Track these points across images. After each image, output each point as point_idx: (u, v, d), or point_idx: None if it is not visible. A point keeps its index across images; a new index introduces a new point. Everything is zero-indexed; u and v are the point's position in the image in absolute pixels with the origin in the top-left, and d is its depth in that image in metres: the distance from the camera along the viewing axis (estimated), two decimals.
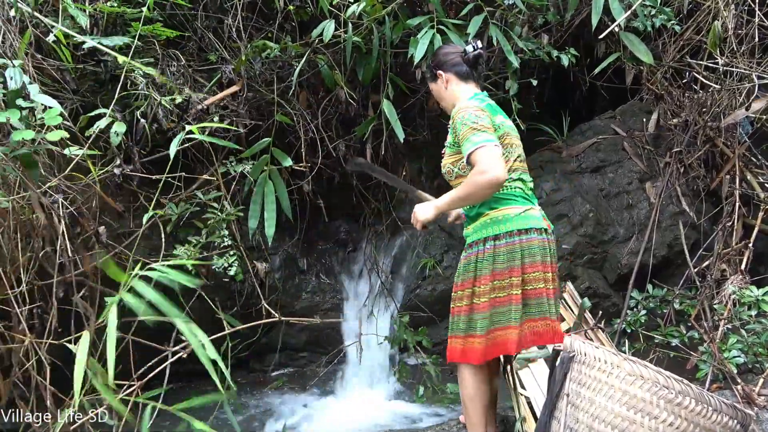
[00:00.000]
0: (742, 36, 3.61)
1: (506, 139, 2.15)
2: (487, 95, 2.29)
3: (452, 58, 2.26)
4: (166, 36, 3.16)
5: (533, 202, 2.20)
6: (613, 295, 3.95)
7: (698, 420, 1.73)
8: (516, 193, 2.15)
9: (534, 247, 2.08)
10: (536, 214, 2.15)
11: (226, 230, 3.35)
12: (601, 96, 4.79)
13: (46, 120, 1.96)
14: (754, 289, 3.11)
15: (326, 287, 4.10)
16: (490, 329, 2.10)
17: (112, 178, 3.00)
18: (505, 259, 2.07)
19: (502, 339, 2.09)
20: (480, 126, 2.01)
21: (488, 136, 1.99)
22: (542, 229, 2.13)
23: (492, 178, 1.92)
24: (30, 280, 2.45)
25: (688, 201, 3.99)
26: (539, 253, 2.09)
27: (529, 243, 2.08)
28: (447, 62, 2.27)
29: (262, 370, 4.06)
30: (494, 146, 1.97)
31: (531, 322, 2.11)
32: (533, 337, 2.12)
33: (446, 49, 2.33)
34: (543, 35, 3.78)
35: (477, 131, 1.99)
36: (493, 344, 2.10)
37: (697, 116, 3.96)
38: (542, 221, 2.16)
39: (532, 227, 2.09)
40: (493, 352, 2.12)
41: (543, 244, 2.11)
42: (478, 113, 2.05)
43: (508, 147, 2.16)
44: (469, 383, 2.20)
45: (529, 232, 2.08)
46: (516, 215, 2.10)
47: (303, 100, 3.68)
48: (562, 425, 1.91)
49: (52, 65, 2.95)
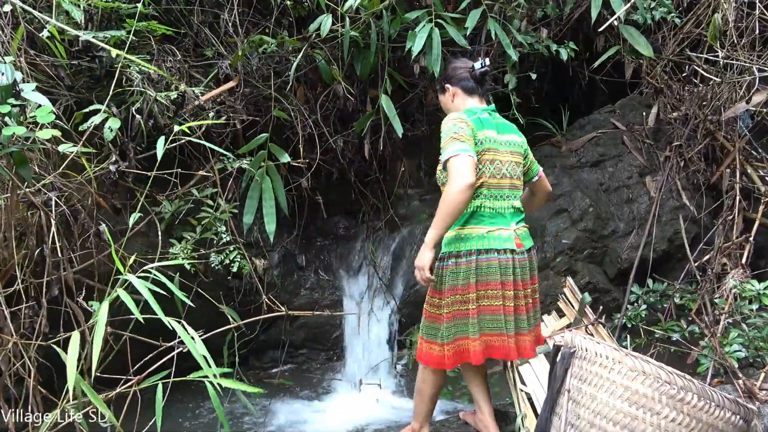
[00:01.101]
0: (743, 29, 3.59)
1: (486, 155, 2.22)
2: (493, 109, 2.38)
3: (460, 73, 2.35)
4: (162, 32, 3.13)
5: (505, 222, 2.24)
6: (613, 290, 3.93)
7: (700, 415, 1.71)
8: (483, 213, 2.22)
9: (492, 266, 2.17)
10: (503, 235, 2.21)
11: (224, 227, 3.33)
12: (601, 90, 4.76)
13: (38, 118, 1.93)
14: (755, 283, 3.09)
15: (325, 284, 4.08)
16: (453, 339, 2.21)
17: (108, 175, 2.96)
18: (464, 276, 2.18)
19: (463, 348, 2.21)
20: (458, 136, 2.12)
21: (464, 146, 2.10)
22: (507, 249, 2.19)
23: (461, 186, 2.04)
24: (25, 278, 2.43)
25: (689, 195, 3.97)
26: (498, 272, 2.17)
27: (488, 263, 2.17)
28: (455, 77, 2.37)
29: (261, 367, 4.05)
30: (467, 156, 2.08)
31: (486, 336, 2.20)
32: (488, 351, 2.21)
33: (456, 63, 2.42)
34: (542, 29, 3.75)
35: (455, 140, 2.11)
36: (454, 353, 2.21)
37: (697, 110, 3.94)
38: (510, 242, 2.21)
39: (493, 248, 2.17)
40: (454, 360, 2.22)
41: (507, 263, 2.18)
42: (460, 125, 2.16)
43: (486, 162, 2.22)
44: (428, 383, 2.39)
45: (489, 252, 2.17)
46: (478, 236, 2.19)
47: (301, 96, 3.65)
48: (563, 421, 1.89)
49: (46, 61, 2.91)
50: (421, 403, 2.44)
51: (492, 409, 2.46)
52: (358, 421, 3.34)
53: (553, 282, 3.89)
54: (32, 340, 2.30)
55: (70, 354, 1.61)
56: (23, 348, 2.25)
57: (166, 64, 3.22)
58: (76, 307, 2.24)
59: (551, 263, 3.94)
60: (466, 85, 2.34)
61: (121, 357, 2.61)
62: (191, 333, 1.68)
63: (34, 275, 2.56)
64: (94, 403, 1.67)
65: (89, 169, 2.56)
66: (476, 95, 2.36)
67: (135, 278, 1.71)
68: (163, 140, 2.05)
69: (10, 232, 2.33)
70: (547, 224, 3.99)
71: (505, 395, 3.27)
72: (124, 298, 1.69)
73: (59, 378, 2.41)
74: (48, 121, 1.99)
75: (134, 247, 3.25)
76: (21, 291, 2.40)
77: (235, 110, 3.40)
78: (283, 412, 3.45)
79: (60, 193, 2.64)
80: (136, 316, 1.62)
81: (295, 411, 3.50)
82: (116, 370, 2.41)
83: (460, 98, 2.37)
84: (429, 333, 2.29)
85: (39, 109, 1.97)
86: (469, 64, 2.36)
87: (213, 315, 3.29)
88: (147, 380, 1.96)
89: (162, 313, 1.68)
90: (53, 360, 2.31)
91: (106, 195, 3.10)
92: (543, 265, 3.94)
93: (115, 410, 2.09)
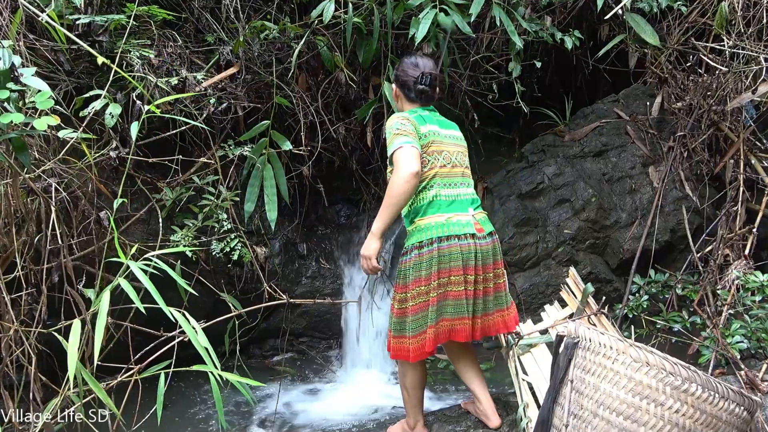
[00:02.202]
0: (750, 18, 3.55)
1: (433, 146, 2.28)
2: (433, 109, 2.43)
3: (406, 80, 2.37)
4: (163, 17, 3.10)
5: (462, 209, 2.30)
6: (615, 280, 3.92)
7: (704, 407, 1.70)
8: (440, 202, 2.27)
9: (454, 253, 2.20)
10: (462, 221, 2.26)
11: (225, 214, 3.31)
12: (604, 79, 4.72)
13: (38, 103, 1.91)
14: (758, 274, 3.09)
15: (326, 272, 4.07)
16: (418, 333, 2.24)
17: (108, 162, 2.94)
18: (427, 266, 2.21)
19: (423, 342, 2.24)
20: (401, 131, 2.19)
21: (407, 139, 2.16)
22: (467, 234, 2.24)
23: (405, 174, 2.10)
24: (25, 265, 2.42)
25: (692, 186, 3.95)
26: (461, 258, 2.20)
27: (450, 249, 2.20)
28: (401, 81, 2.40)
29: (262, 355, 4.05)
30: (411, 147, 2.14)
31: (447, 321, 2.23)
32: (446, 335, 2.24)
33: (406, 65, 2.39)
34: (546, 16, 3.71)
35: (398, 135, 2.18)
36: (418, 345, 2.25)
37: (701, 100, 3.90)
38: (470, 227, 2.26)
39: (453, 234, 2.22)
40: (418, 353, 2.25)
41: (468, 248, 2.22)
42: (402, 122, 2.22)
43: (435, 154, 2.28)
44: (408, 376, 2.42)
45: (450, 239, 2.21)
46: (437, 224, 2.23)
47: (302, 83, 3.62)
48: (566, 411, 1.89)
49: (46, 46, 2.88)
50: (407, 395, 2.46)
51: (489, 397, 2.47)
52: (358, 409, 3.34)
53: (555, 272, 3.88)
54: (32, 328, 2.29)
55: (71, 342, 1.60)
56: (24, 335, 2.25)
57: (167, 49, 3.18)
58: (76, 294, 2.23)
59: (553, 253, 3.92)
60: (407, 94, 2.38)
61: (120, 344, 2.61)
62: (192, 323, 1.67)
63: (34, 262, 2.55)
64: (95, 391, 1.66)
65: (89, 155, 2.54)
66: (417, 102, 2.39)
67: (136, 266, 1.69)
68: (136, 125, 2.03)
69: (10, 218, 2.31)
70: (549, 214, 3.98)
71: (506, 384, 3.28)
72: (125, 287, 1.68)
73: (60, 366, 2.41)
74: (47, 107, 1.97)
75: (135, 234, 3.23)
76: (21, 278, 2.39)
77: (237, 97, 3.37)
78: (283, 400, 3.46)
79: (60, 179, 2.62)
80: (137, 305, 1.61)
81: (295, 399, 3.50)
82: (116, 357, 2.40)
83: (401, 100, 2.44)
84: (396, 328, 2.31)
85: (38, 95, 1.95)
86: (418, 71, 2.33)
87: (214, 302, 3.29)
88: (148, 369, 1.95)
89: (163, 301, 1.67)
90: (54, 347, 2.31)
91: (107, 181, 3.08)
92: (545, 255, 3.93)
93: (115, 398, 2.09)
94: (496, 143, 4.82)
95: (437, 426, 2.56)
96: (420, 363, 2.40)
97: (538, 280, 3.89)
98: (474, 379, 2.48)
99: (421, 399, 2.49)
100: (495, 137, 4.82)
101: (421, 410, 2.51)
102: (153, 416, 2.05)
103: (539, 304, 3.70)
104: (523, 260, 3.92)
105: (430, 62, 2.39)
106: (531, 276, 3.91)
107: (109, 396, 1.87)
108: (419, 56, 2.42)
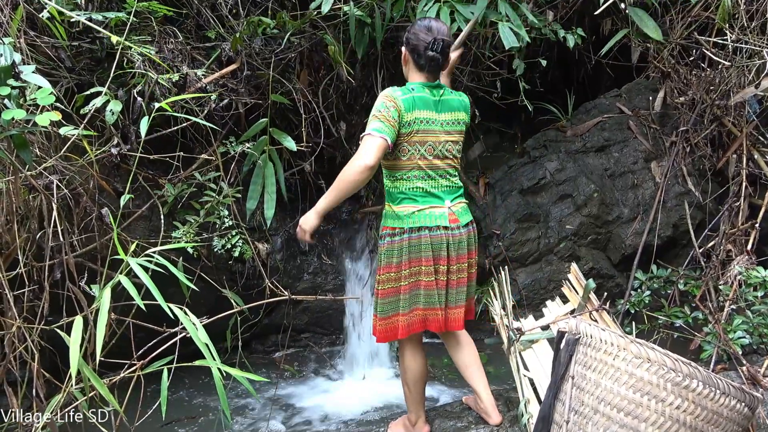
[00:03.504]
0: (753, 11, 3.52)
1: (416, 137, 2.22)
2: (437, 85, 2.30)
3: (416, 45, 2.23)
4: (163, 13, 3.09)
5: (439, 200, 2.30)
6: (617, 276, 3.92)
7: (705, 403, 1.70)
8: (416, 194, 2.27)
9: (423, 244, 2.23)
10: (436, 213, 2.26)
11: (227, 211, 3.32)
12: (606, 74, 4.71)
13: (38, 100, 1.91)
14: (761, 269, 3.08)
15: (328, 268, 4.07)
16: (387, 316, 2.32)
17: (110, 158, 2.95)
18: (398, 254, 2.26)
19: (393, 326, 2.32)
20: (380, 115, 2.13)
21: (381, 125, 2.11)
22: (440, 226, 2.25)
23: (359, 165, 2.09)
24: (27, 261, 2.42)
25: (694, 181, 3.94)
26: (430, 249, 2.23)
27: (419, 240, 2.23)
28: (411, 45, 2.26)
29: (264, 351, 4.06)
30: (379, 137, 2.10)
31: (420, 310, 2.28)
32: (420, 324, 2.29)
33: (418, 29, 2.25)
34: (548, 12, 3.68)
35: (376, 119, 2.13)
36: (386, 329, 2.33)
37: (704, 94, 3.88)
38: (443, 219, 2.26)
39: (424, 226, 2.23)
40: (385, 336, 2.34)
41: (439, 239, 2.24)
42: (388, 104, 2.15)
43: (416, 144, 2.23)
44: (409, 372, 2.43)
45: (420, 230, 2.23)
46: (410, 213, 2.25)
47: (304, 79, 3.61)
48: (566, 407, 1.89)
49: (47, 43, 2.88)
50: (409, 393, 2.47)
51: (490, 394, 2.47)
52: (360, 405, 3.35)
53: (556, 267, 3.87)
54: (35, 324, 2.30)
55: (73, 339, 1.61)
56: (26, 332, 2.25)
57: (168, 45, 3.18)
58: (78, 291, 2.24)
59: (555, 249, 3.92)
60: (416, 60, 2.25)
61: (124, 341, 2.61)
62: (193, 320, 1.67)
63: (36, 259, 2.56)
64: (97, 387, 1.67)
65: (91, 152, 2.54)
66: (423, 72, 2.27)
67: (136, 264, 1.69)
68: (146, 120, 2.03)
69: (12, 215, 2.32)
70: (551, 209, 3.97)
71: (508, 379, 3.28)
72: (126, 285, 1.69)
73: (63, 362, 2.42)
74: (48, 104, 1.97)
75: (137, 231, 3.24)
76: (23, 275, 2.39)
77: (238, 93, 3.37)
78: (285, 395, 3.47)
79: (61, 176, 2.62)
80: (137, 302, 1.61)
81: (298, 394, 3.51)
82: (117, 353, 2.41)
83: (410, 66, 2.31)
84: (374, 308, 2.38)
85: (39, 91, 1.95)
86: (430, 36, 2.19)
87: (216, 299, 3.30)
88: (151, 365, 1.96)
89: (163, 299, 1.67)
90: (57, 344, 2.32)
91: (108, 178, 3.08)
92: (546, 251, 3.92)
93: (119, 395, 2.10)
94: (497, 138, 4.82)
95: (438, 421, 2.57)
96: (420, 359, 2.42)
97: (540, 275, 3.89)
98: (475, 375, 2.47)
99: (422, 395, 2.49)
100: (497, 132, 4.81)
101: (423, 406, 2.51)
102: (156, 411, 2.06)
103: (541, 299, 3.70)
104: (525, 256, 3.91)
105: (444, 27, 2.25)
106: (533, 271, 3.91)
107: (112, 392, 1.88)
108: (433, 20, 2.28)
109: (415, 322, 2.28)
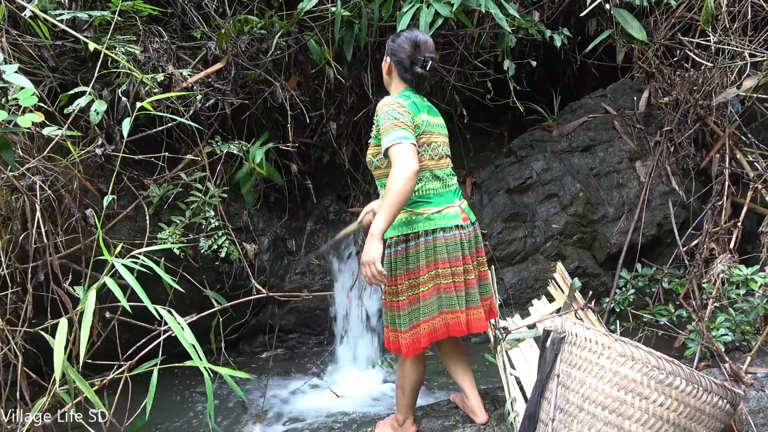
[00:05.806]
0: (735, 13, 3.57)
1: (423, 137, 2.23)
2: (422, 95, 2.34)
3: (402, 59, 2.25)
4: (148, 12, 3.07)
5: (450, 200, 2.28)
6: (603, 274, 3.95)
7: (689, 400, 1.73)
8: (429, 195, 2.24)
9: (439, 246, 2.20)
10: (450, 213, 2.25)
11: (213, 211, 3.30)
12: (592, 74, 4.74)
13: (21, 100, 1.88)
14: (743, 267, 3.12)
15: (315, 268, 4.07)
16: (411, 326, 2.23)
17: (94, 159, 2.92)
18: (414, 260, 2.21)
19: (421, 334, 2.22)
20: (401, 123, 2.11)
21: (406, 133, 2.09)
22: (454, 226, 2.23)
23: (409, 172, 2.02)
24: (10, 263, 2.40)
25: (678, 180, 3.99)
26: (446, 251, 2.20)
27: (435, 242, 2.20)
28: (397, 59, 2.27)
29: (251, 351, 4.04)
30: (410, 144, 2.07)
31: (441, 315, 2.22)
32: (443, 330, 2.23)
33: (405, 43, 2.26)
34: (534, 12, 3.71)
35: (398, 128, 2.09)
36: (412, 340, 2.23)
37: (688, 95, 3.93)
38: (458, 218, 2.25)
39: (439, 227, 2.20)
40: (413, 348, 2.23)
41: (455, 240, 2.22)
42: (400, 110, 2.13)
43: (425, 145, 2.24)
44: (408, 376, 2.38)
45: (435, 232, 2.20)
46: (426, 217, 2.21)
47: (292, 82, 3.59)
48: (552, 406, 1.91)
49: (29, 42, 2.85)
50: (402, 396, 2.44)
51: (477, 393, 2.48)
52: (348, 405, 3.35)
53: (542, 266, 3.90)
54: (18, 327, 2.28)
55: (58, 341, 1.59)
56: (9, 334, 2.23)
57: (153, 45, 3.16)
58: (62, 292, 2.22)
59: (541, 248, 3.95)
60: (401, 73, 2.28)
61: (110, 342, 2.59)
62: (179, 320, 1.66)
63: (20, 260, 2.53)
64: (82, 389, 1.66)
65: (75, 153, 2.51)
66: (408, 84, 2.30)
67: (121, 265, 1.68)
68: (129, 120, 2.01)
69: None
70: (537, 209, 4.00)
71: (494, 378, 3.29)
72: (111, 287, 1.67)
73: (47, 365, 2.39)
74: (31, 104, 1.95)
75: (122, 231, 3.21)
76: (6, 276, 2.37)
77: (224, 93, 3.35)
78: (274, 395, 3.46)
79: (45, 177, 2.59)
80: (123, 304, 1.60)
81: (285, 394, 3.50)
82: (104, 355, 2.39)
83: (394, 77, 2.32)
84: (391, 322, 2.29)
85: (21, 92, 1.93)
86: (418, 53, 2.23)
87: (203, 299, 3.28)
88: (139, 367, 1.94)
89: (149, 300, 1.66)
90: (42, 346, 2.29)
91: (93, 179, 3.05)
92: (533, 250, 3.95)
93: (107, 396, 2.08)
94: (484, 138, 4.84)
95: (426, 420, 2.57)
96: (422, 366, 2.39)
97: (527, 274, 3.91)
98: (463, 374, 2.49)
99: (415, 400, 2.48)
100: (484, 132, 4.83)
101: (413, 410, 2.51)
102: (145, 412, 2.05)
103: (527, 298, 3.73)
104: (512, 255, 3.93)
105: (430, 42, 2.27)
106: (519, 270, 3.94)
107: (101, 394, 1.86)
108: (419, 33, 2.28)
109: (438, 329, 2.21)
